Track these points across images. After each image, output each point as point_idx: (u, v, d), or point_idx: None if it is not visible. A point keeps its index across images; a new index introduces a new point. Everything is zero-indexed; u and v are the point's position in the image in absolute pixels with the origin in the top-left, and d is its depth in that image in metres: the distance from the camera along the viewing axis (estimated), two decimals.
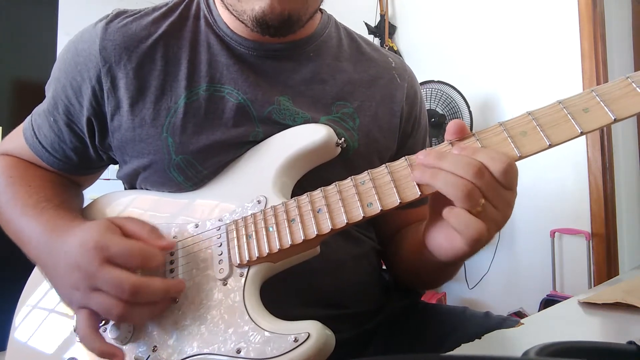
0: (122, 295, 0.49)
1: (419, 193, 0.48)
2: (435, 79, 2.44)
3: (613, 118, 0.45)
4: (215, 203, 0.60)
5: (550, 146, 0.46)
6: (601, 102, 0.46)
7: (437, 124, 2.38)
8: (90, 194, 0.79)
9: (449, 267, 0.61)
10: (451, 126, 0.50)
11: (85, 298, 0.52)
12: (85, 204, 0.72)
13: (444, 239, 0.50)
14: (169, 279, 0.54)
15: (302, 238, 0.51)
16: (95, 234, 0.52)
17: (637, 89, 0.46)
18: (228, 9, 0.63)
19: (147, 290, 0.50)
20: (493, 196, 0.46)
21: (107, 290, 0.50)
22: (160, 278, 0.52)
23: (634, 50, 2.78)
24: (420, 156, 0.49)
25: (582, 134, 0.46)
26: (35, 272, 0.68)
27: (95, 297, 0.51)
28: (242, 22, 0.62)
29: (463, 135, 0.50)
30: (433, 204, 0.52)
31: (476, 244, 0.46)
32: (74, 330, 0.58)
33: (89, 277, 0.51)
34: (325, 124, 0.63)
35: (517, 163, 0.47)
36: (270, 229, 0.53)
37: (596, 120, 0.46)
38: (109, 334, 0.54)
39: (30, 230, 0.60)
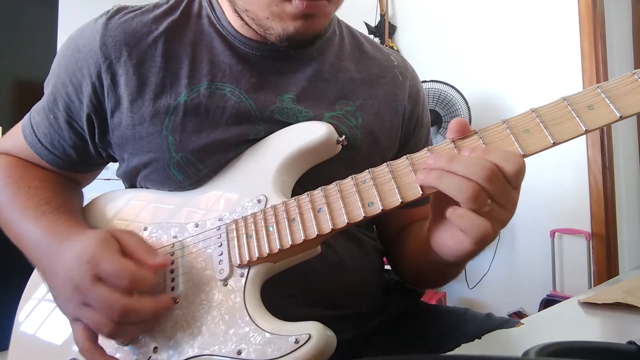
0: (112, 316, 0.49)
1: (421, 192, 0.47)
2: (435, 79, 2.44)
3: (619, 115, 0.44)
4: (215, 202, 0.60)
5: (555, 144, 0.45)
6: (606, 99, 0.45)
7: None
8: (89, 194, 0.79)
9: (454, 267, 0.61)
10: (453, 124, 0.49)
11: (77, 311, 0.52)
12: (85, 204, 0.72)
13: (449, 238, 0.49)
14: (160, 297, 0.53)
15: (303, 238, 0.51)
16: (92, 248, 0.52)
17: None
18: (239, 14, 0.61)
19: (137, 313, 0.50)
20: (502, 197, 0.45)
21: (98, 309, 0.50)
22: (150, 298, 0.52)
23: (634, 50, 2.78)
24: (430, 160, 0.47)
25: (586, 131, 0.45)
26: (36, 273, 0.68)
27: (87, 312, 0.51)
28: (262, 34, 0.61)
29: (465, 133, 0.48)
30: (435, 203, 0.51)
31: (482, 242, 0.46)
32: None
33: (81, 292, 0.51)
34: (328, 121, 0.62)
35: None
36: (271, 229, 0.53)
37: (601, 117, 0.45)
38: None
39: (31, 234, 0.60)
